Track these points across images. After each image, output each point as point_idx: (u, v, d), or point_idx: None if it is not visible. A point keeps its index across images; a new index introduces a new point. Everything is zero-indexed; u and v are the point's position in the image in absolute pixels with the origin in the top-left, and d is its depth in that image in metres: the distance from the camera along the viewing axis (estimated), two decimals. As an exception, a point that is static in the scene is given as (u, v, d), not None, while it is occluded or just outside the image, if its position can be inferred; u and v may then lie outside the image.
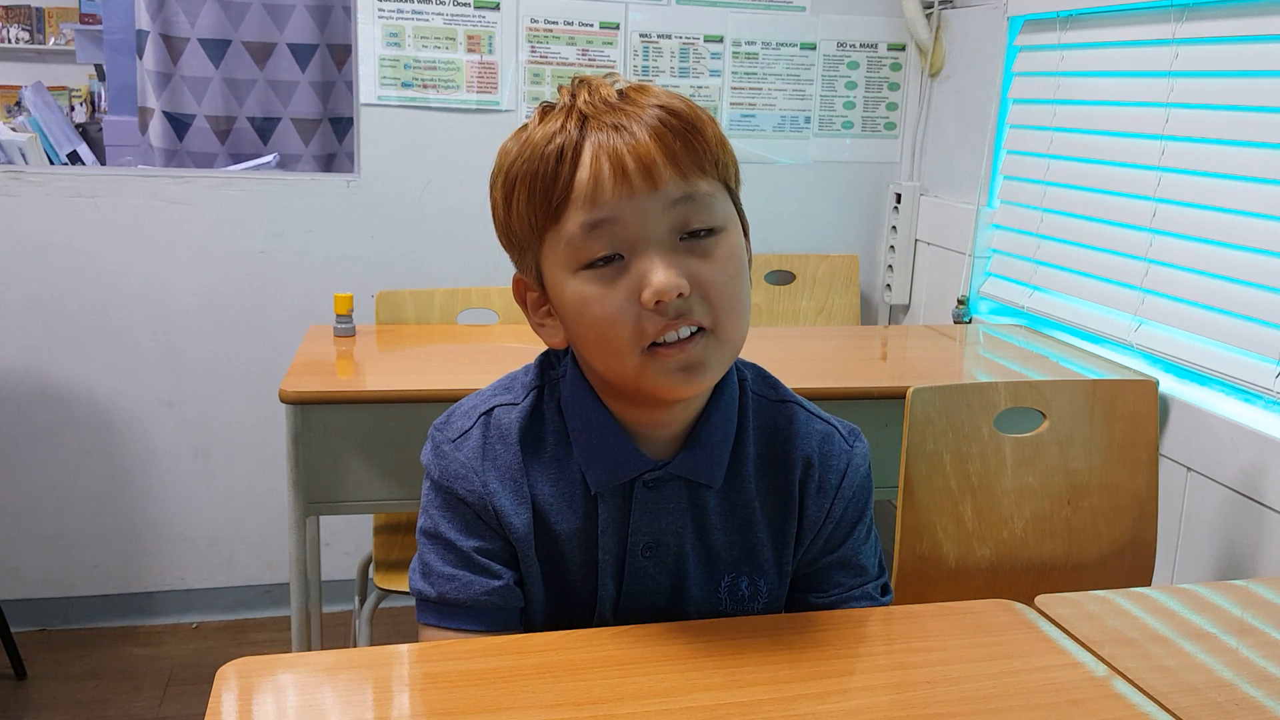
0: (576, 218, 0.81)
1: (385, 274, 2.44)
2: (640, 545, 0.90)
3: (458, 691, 0.79)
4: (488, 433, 0.90)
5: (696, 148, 0.82)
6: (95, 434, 2.40)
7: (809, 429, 0.94)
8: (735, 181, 0.88)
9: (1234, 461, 1.63)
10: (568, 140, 0.81)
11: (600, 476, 0.88)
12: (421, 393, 1.63)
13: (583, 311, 0.82)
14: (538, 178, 0.82)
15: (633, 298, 0.80)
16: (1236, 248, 1.69)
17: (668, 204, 0.81)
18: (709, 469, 0.90)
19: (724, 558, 0.93)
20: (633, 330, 0.81)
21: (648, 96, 0.83)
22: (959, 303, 2.37)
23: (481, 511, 0.89)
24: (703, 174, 0.83)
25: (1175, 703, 0.83)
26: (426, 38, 2.38)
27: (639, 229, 0.80)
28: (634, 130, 0.80)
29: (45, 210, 2.28)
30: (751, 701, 0.79)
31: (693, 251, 0.82)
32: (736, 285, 0.84)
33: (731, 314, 0.83)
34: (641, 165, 0.80)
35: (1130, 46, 1.93)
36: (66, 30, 5.85)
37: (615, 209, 0.80)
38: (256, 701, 0.78)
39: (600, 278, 0.81)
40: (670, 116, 0.81)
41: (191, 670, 2.34)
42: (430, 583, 0.90)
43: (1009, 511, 1.57)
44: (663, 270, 0.79)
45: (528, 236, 0.85)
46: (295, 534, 1.66)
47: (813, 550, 0.95)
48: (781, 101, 2.61)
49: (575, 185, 0.81)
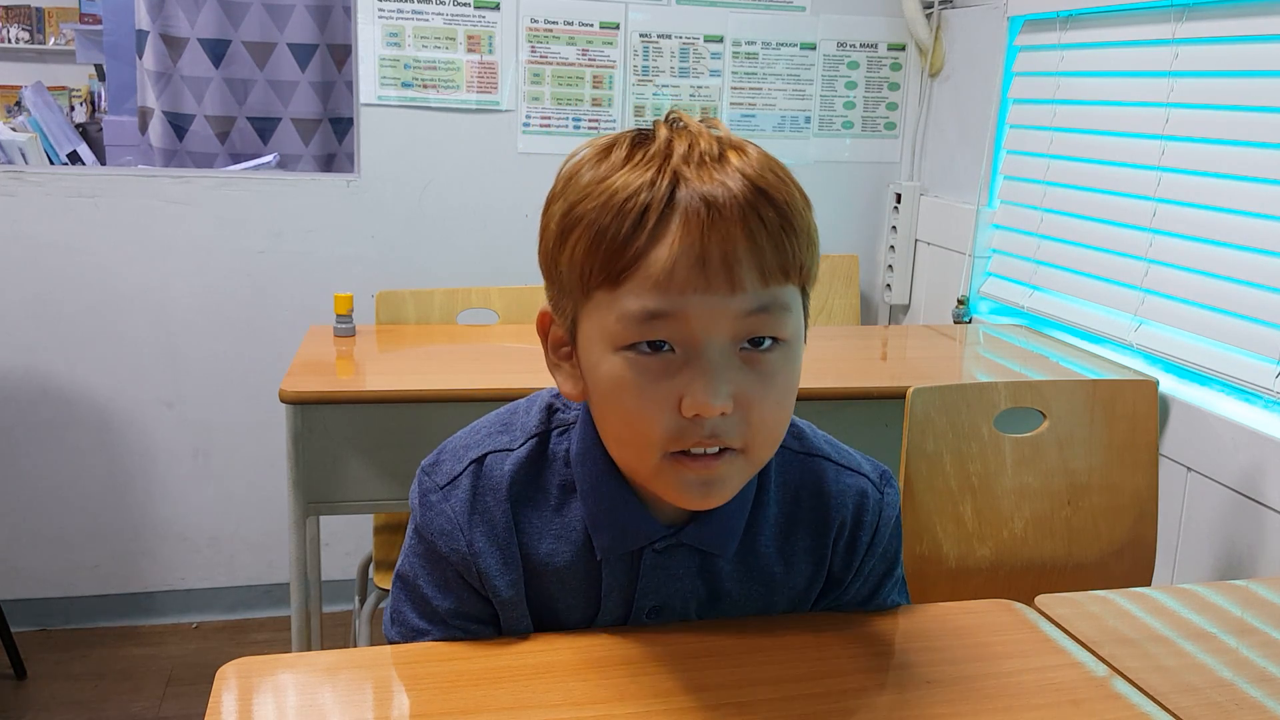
0: (638, 298, 0.71)
1: (385, 274, 2.44)
2: (645, 609, 0.87)
3: (457, 691, 0.79)
4: (478, 483, 0.84)
5: (786, 251, 0.73)
6: (95, 434, 2.40)
7: (839, 486, 0.88)
8: (811, 282, 0.78)
9: (1234, 461, 1.63)
10: (653, 204, 0.71)
11: (608, 543, 0.83)
12: (421, 393, 1.63)
13: (614, 394, 0.75)
14: (607, 234, 0.71)
15: (672, 401, 0.72)
16: (1236, 248, 1.69)
17: (740, 313, 0.72)
18: (722, 540, 0.84)
19: (733, 617, 0.89)
20: (661, 434, 0.73)
21: (746, 163, 0.73)
22: (959, 303, 2.37)
23: (464, 571, 0.83)
24: (786, 280, 0.74)
25: (1175, 703, 0.83)
26: (426, 38, 2.38)
27: (702, 331, 0.71)
28: (725, 214, 0.70)
29: (45, 210, 2.28)
30: (751, 701, 0.79)
31: (750, 364, 0.74)
32: (783, 411, 0.77)
33: (768, 439, 0.77)
34: (725, 263, 0.70)
35: (1130, 46, 1.93)
36: (66, 30, 5.85)
37: (683, 303, 0.71)
38: (256, 701, 0.78)
39: (643, 366, 0.73)
40: (767, 204, 0.72)
41: (191, 670, 2.34)
42: (400, 632, 0.87)
43: (1009, 511, 1.57)
44: (710, 386, 0.71)
45: (574, 286, 0.75)
46: (295, 534, 1.66)
47: (838, 603, 0.93)
48: (781, 101, 2.61)
49: (648, 261, 0.71)
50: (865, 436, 1.75)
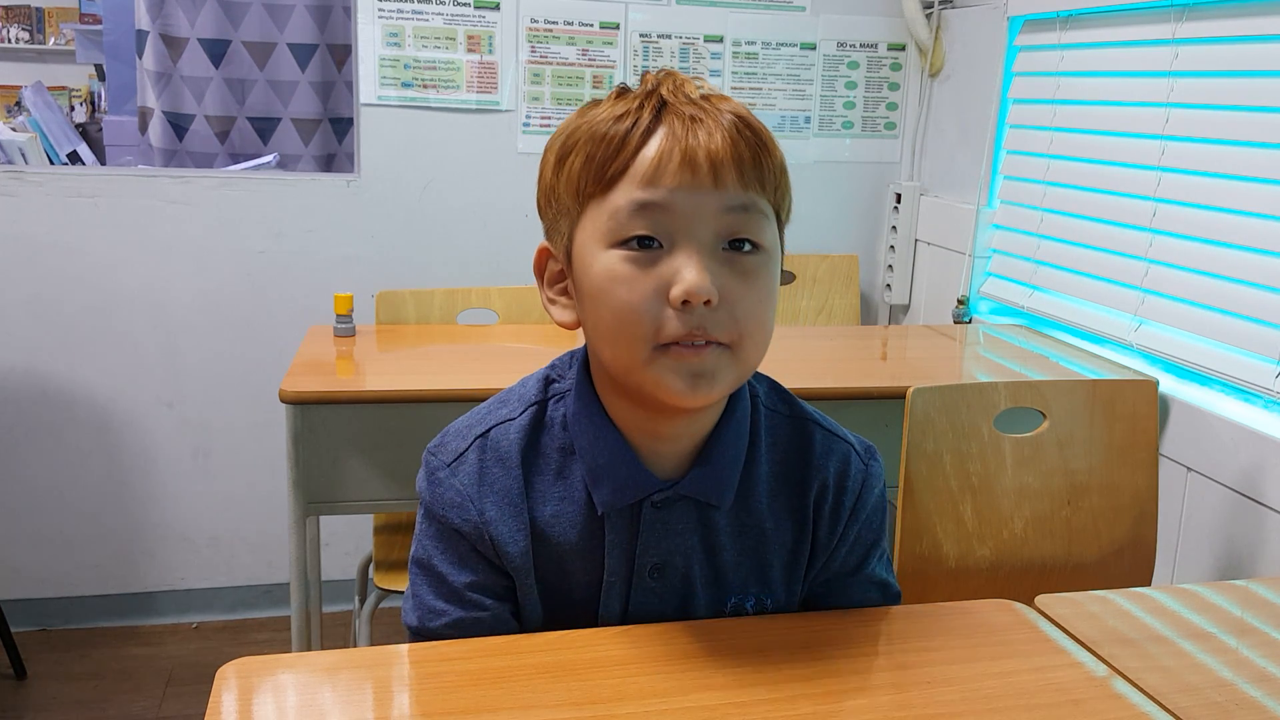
0: (629, 193, 0.78)
1: (385, 274, 2.44)
2: (648, 566, 0.88)
3: (458, 691, 0.79)
4: (484, 455, 0.87)
5: (764, 164, 0.81)
6: (95, 434, 2.40)
7: (826, 448, 0.92)
8: (785, 215, 0.86)
9: (1234, 461, 1.63)
10: (643, 117, 0.79)
11: (607, 497, 0.86)
12: (421, 393, 1.63)
13: (606, 290, 0.79)
14: (601, 144, 0.79)
15: (661, 291, 0.78)
16: (1236, 248, 1.69)
17: (723, 208, 0.79)
18: (718, 489, 0.87)
19: (732, 578, 0.91)
20: (651, 325, 0.78)
21: (728, 104, 0.82)
22: (959, 303, 2.37)
23: (477, 541, 0.86)
24: (762, 191, 0.81)
25: (1175, 703, 0.83)
26: (426, 38, 2.38)
27: (688, 223, 0.78)
28: (709, 126, 0.79)
29: (45, 210, 2.28)
30: (751, 701, 0.79)
31: (731, 264, 0.79)
32: (765, 310, 0.82)
33: (753, 336, 0.81)
34: (711, 161, 0.78)
35: (1130, 46, 1.93)
36: (66, 30, 5.86)
37: (671, 195, 0.78)
38: (256, 701, 0.78)
39: (634, 260, 0.78)
40: (746, 127, 0.80)
41: (191, 670, 2.34)
42: (420, 616, 0.88)
43: (1009, 511, 1.57)
44: (698, 272, 0.77)
45: (570, 202, 0.82)
46: (295, 534, 1.66)
47: (826, 571, 0.94)
48: (781, 101, 2.61)
49: (638, 161, 0.79)
50: (865, 436, 1.74)
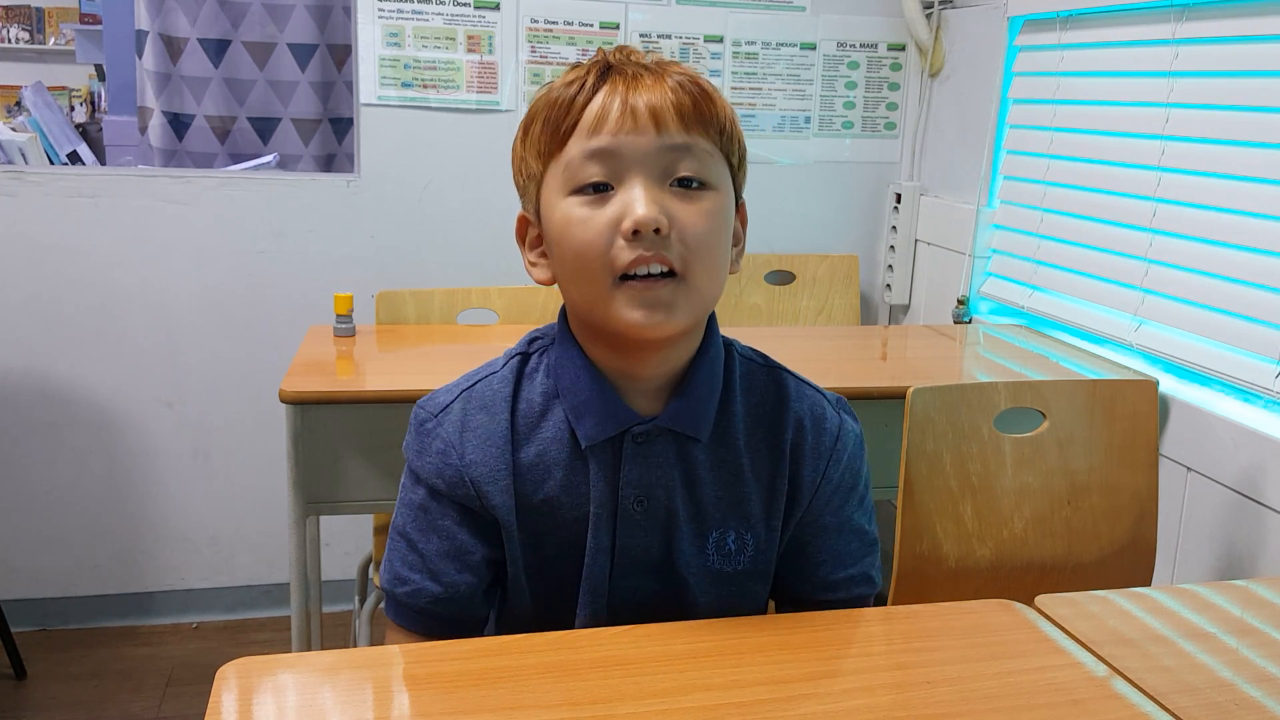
0: (580, 144, 0.85)
1: (385, 274, 2.44)
2: (631, 498, 0.92)
3: (458, 691, 0.79)
4: (469, 405, 0.93)
5: (705, 111, 0.86)
6: (95, 434, 2.40)
7: (799, 393, 0.97)
8: (738, 160, 0.91)
9: (1234, 461, 1.63)
10: (590, 78, 0.86)
11: (590, 430, 0.90)
12: (422, 393, 1.62)
13: (566, 232, 0.86)
14: (554, 107, 0.87)
15: (613, 226, 0.84)
16: (1236, 248, 1.69)
17: (665, 147, 0.85)
18: (695, 422, 0.92)
19: (712, 512, 0.94)
20: (607, 257, 0.84)
21: (677, 67, 0.88)
22: (959, 303, 2.37)
23: (457, 489, 0.91)
24: (705, 134, 0.87)
25: (1175, 703, 0.83)
26: (426, 38, 2.38)
27: (632, 162, 0.84)
28: (649, 83, 0.86)
29: (45, 210, 2.28)
30: (751, 701, 0.79)
31: (680, 198, 0.85)
32: (714, 239, 0.87)
33: (704, 264, 0.86)
34: (649, 108, 0.84)
35: (1130, 46, 1.93)
36: (66, 30, 5.86)
37: (615, 141, 0.84)
38: (256, 701, 0.78)
39: (588, 203, 0.85)
40: (689, 81, 0.87)
41: (191, 670, 2.34)
42: (388, 580, 0.94)
43: (1009, 511, 1.57)
44: (644, 203, 0.83)
45: (535, 165, 0.89)
46: (295, 534, 1.66)
47: (811, 514, 0.96)
48: (781, 101, 2.61)
49: (585, 115, 0.85)
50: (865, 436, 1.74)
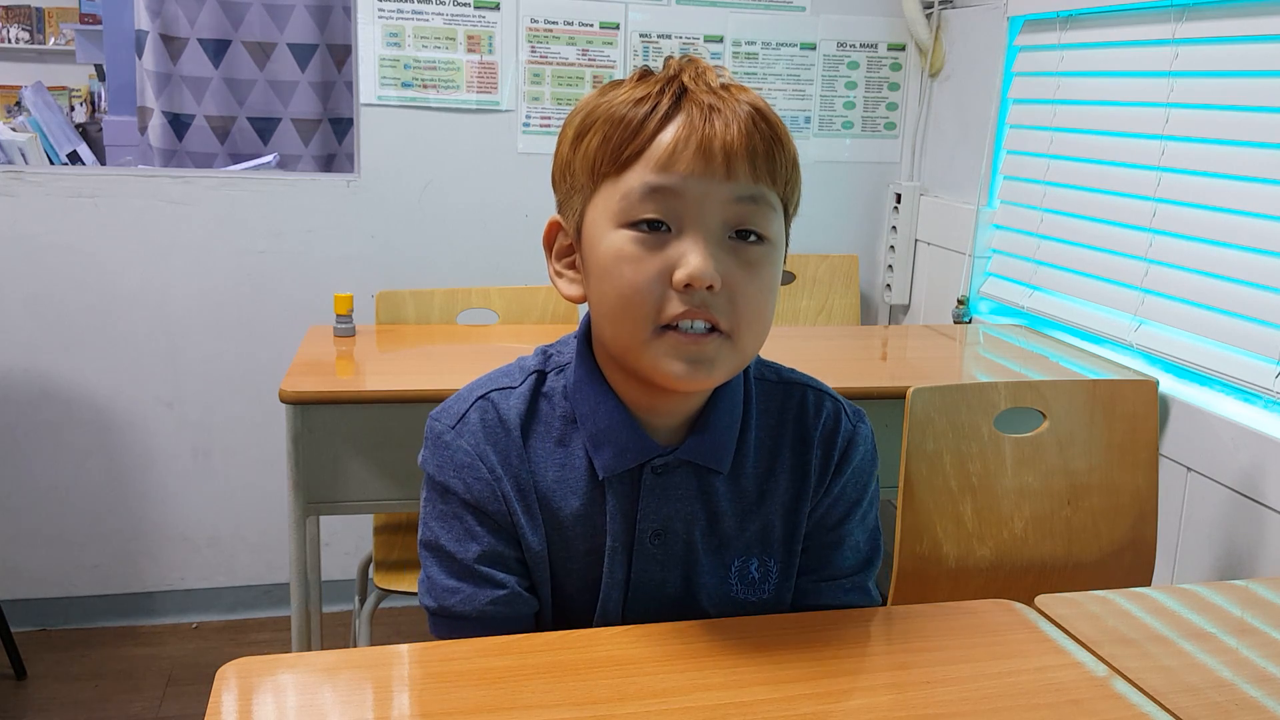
0: (643, 176, 0.81)
1: (385, 274, 2.44)
2: (649, 532, 0.89)
3: (458, 691, 0.79)
4: (486, 415, 0.89)
5: (777, 158, 0.83)
6: (95, 434, 2.40)
7: (818, 405, 0.95)
8: (793, 209, 0.88)
9: (1234, 461, 1.63)
10: (663, 102, 0.81)
11: (608, 461, 0.87)
12: (421, 393, 1.63)
13: (613, 268, 0.82)
14: (619, 125, 0.82)
15: (665, 274, 0.80)
16: (1236, 248, 1.69)
17: (733, 198, 0.81)
18: (717, 454, 0.89)
19: (735, 543, 0.92)
20: (654, 305, 0.80)
21: (746, 95, 0.84)
22: (959, 303, 2.37)
23: (489, 501, 0.87)
24: (773, 185, 0.83)
25: (1175, 703, 0.83)
26: (426, 38, 2.38)
27: (697, 209, 0.80)
28: (726, 117, 0.81)
29: (45, 210, 2.27)
30: (751, 701, 0.79)
31: (736, 254, 0.82)
32: (765, 300, 0.84)
33: (751, 326, 0.83)
34: (725, 151, 0.80)
35: (1130, 46, 1.93)
36: (66, 30, 5.86)
37: (683, 182, 0.80)
38: (256, 701, 0.78)
39: (641, 241, 0.81)
40: (762, 119, 0.82)
41: (191, 670, 2.34)
42: (435, 597, 0.89)
43: (1009, 511, 1.57)
44: (702, 258, 0.79)
45: (585, 180, 0.84)
46: (295, 534, 1.66)
47: (810, 522, 0.95)
48: (781, 101, 2.61)
49: (654, 145, 0.81)
50: (865, 436, 1.74)
